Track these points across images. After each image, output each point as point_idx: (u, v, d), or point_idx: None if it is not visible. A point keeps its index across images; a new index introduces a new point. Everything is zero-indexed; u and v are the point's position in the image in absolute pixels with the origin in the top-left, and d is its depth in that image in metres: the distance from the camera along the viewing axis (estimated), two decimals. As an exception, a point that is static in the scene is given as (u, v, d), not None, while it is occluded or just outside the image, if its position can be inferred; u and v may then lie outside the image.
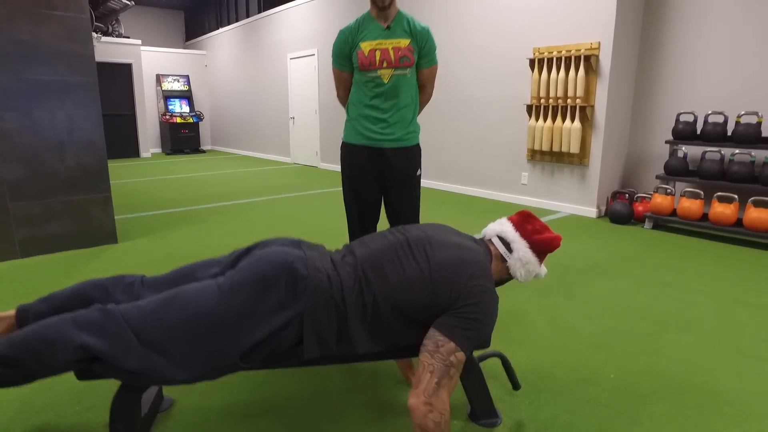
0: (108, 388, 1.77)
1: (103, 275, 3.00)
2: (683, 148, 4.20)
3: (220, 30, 11.14)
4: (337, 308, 1.30)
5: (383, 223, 3.16)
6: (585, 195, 4.65)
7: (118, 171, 8.01)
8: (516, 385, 1.62)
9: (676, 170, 4.10)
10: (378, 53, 2.12)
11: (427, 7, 5.81)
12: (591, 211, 4.60)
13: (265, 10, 9.50)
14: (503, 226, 1.51)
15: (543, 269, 1.54)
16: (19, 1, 3.03)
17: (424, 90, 2.32)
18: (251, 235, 3.95)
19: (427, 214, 4.60)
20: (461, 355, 1.24)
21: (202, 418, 1.61)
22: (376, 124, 2.19)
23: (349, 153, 2.27)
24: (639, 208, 4.39)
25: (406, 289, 1.31)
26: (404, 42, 2.15)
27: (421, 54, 2.21)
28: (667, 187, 4.18)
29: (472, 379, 1.52)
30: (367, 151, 2.22)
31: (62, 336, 1.13)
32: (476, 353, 1.58)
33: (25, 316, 1.39)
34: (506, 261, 1.48)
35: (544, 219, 4.50)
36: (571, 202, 4.77)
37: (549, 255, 3.24)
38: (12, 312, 1.41)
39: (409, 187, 2.28)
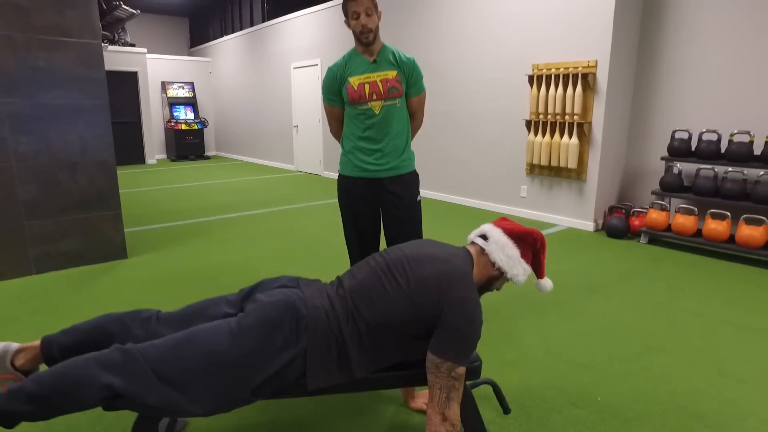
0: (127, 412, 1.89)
1: (114, 291, 3.13)
2: (678, 165, 4.30)
3: (225, 37, 11.28)
4: (337, 340, 1.41)
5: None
6: (582, 209, 4.75)
7: (125, 179, 8.15)
8: (506, 410, 1.73)
9: (671, 186, 4.20)
10: (367, 86, 2.20)
11: (427, 24, 5.92)
12: (588, 225, 4.70)
13: (269, 19, 9.63)
14: (482, 226, 1.63)
15: (547, 282, 1.61)
16: (37, 29, 3.16)
17: (414, 117, 2.40)
18: (256, 251, 4.06)
19: (428, 226, 4.70)
20: (461, 369, 1.37)
21: (212, 439, 1.73)
22: (370, 156, 2.26)
23: (347, 185, 2.34)
24: (635, 222, 4.49)
25: (393, 311, 1.41)
26: (391, 73, 2.22)
27: (409, 83, 2.28)
28: (662, 203, 4.27)
29: (464, 403, 1.63)
30: (364, 183, 2.29)
31: (88, 376, 1.24)
32: (468, 381, 1.68)
33: (49, 347, 1.50)
34: (485, 250, 1.56)
35: (543, 232, 4.60)
36: (569, 215, 4.87)
37: (547, 271, 3.35)
38: (37, 343, 1.53)
39: (409, 216, 2.33)
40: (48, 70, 3.24)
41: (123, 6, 9.27)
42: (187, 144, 11.27)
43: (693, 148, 4.19)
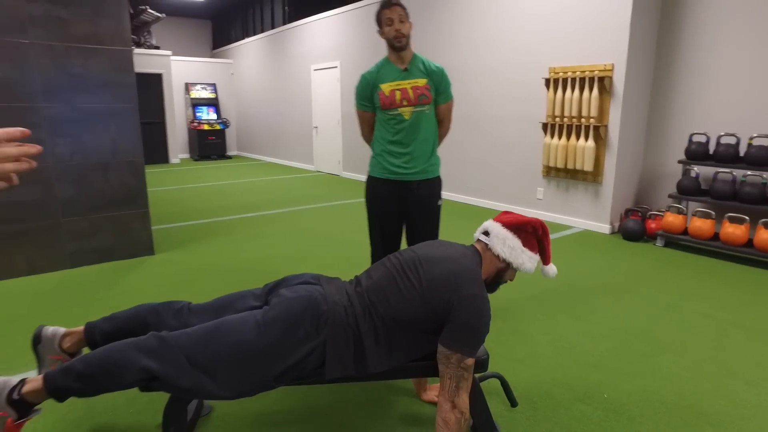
0: (156, 394, 2.02)
1: (142, 285, 3.29)
2: (695, 168, 4.30)
3: (247, 39, 11.51)
4: (354, 334, 1.52)
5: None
6: (598, 211, 4.78)
7: (151, 178, 8.40)
8: (513, 403, 1.81)
9: (688, 190, 4.20)
10: (398, 93, 2.32)
11: (446, 28, 6.00)
12: (604, 228, 4.73)
13: (290, 21, 9.81)
14: (484, 223, 1.72)
15: (552, 268, 1.69)
16: (74, 38, 3.35)
17: (442, 124, 2.53)
18: (276, 249, 4.20)
19: (444, 226, 4.78)
20: (470, 360, 1.46)
21: (236, 424, 1.85)
22: (399, 159, 2.39)
23: (375, 186, 2.47)
24: (651, 225, 4.50)
25: (406, 308, 1.52)
26: (421, 81, 2.35)
27: (438, 91, 2.41)
28: (679, 206, 4.28)
29: (473, 395, 1.72)
30: (392, 184, 2.41)
31: (128, 359, 1.37)
32: (477, 374, 1.77)
33: (92, 332, 1.65)
34: (488, 245, 1.65)
35: (558, 234, 4.65)
36: (585, 218, 4.90)
37: (560, 272, 3.40)
38: (81, 328, 1.68)
39: (430, 217, 2.48)
40: (83, 76, 3.43)
41: (149, 10, 9.57)
42: (209, 144, 11.54)
43: (711, 152, 4.19)
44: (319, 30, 8.63)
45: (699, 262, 3.84)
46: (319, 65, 8.77)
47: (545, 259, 1.70)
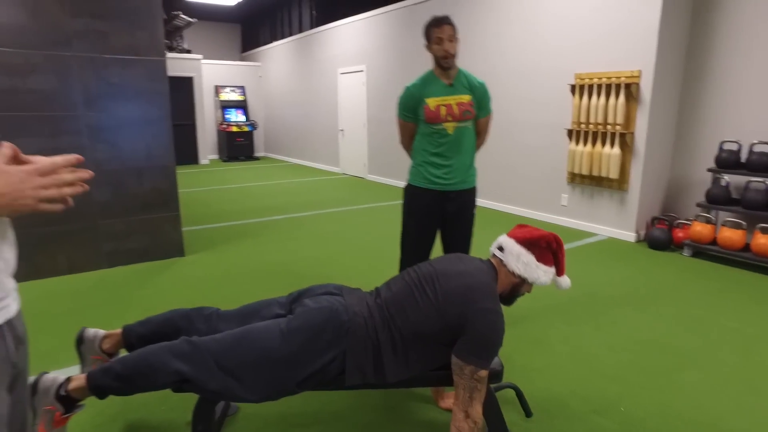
0: (187, 394, 2.13)
1: (173, 285, 3.43)
2: (726, 177, 4.21)
3: (275, 43, 11.72)
4: (373, 344, 1.58)
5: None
6: (624, 219, 4.72)
7: (181, 179, 8.65)
8: (528, 413, 1.85)
9: (717, 199, 4.13)
10: (443, 108, 2.39)
11: (471, 34, 6.01)
12: (630, 236, 4.67)
13: (317, 26, 9.95)
14: (498, 238, 1.76)
15: (565, 280, 1.71)
16: (113, 50, 3.52)
17: (479, 136, 2.60)
18: (301, 253, 4.30)
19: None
20: (483, 372, 1.51)
21: (260, 424, 1.94)
22: (440, 170, 2.46)
23: (415, 195, 2.53)
24: (679, 234, 4.43)
25: (423, 321, 1.57)
26: (466, 98, 2.42)
27: (479, 106, 2.48)
28: (707, 215, 4.21)
29: (488, 405, 1.76)
30: (431, 194, 2.48)
31: (162, 362, 1.47)
32: (492, 384, 1.81)
33: (129, 335, 1.76)
34: (503, 261, 1.69)
35: (582, 241, 4.63)
36: (610, 225, 4.85)
37: (582, 281, 3.40)
38: (119, 331, 1.79)
39: (465, 225, 2.56)
40: (121, 85, 3.59)
41: (182, 15, 9.85)
42: (237, 145, 11.79)
43: (743, 160, 4.10)
44: (345, 34, 8.74)
45: (728, 274, 3.77)
46: (345, 69, 8.88)
47: (559, 271, 1.73)
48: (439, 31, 2.32)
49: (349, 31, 8.64)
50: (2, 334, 0.87)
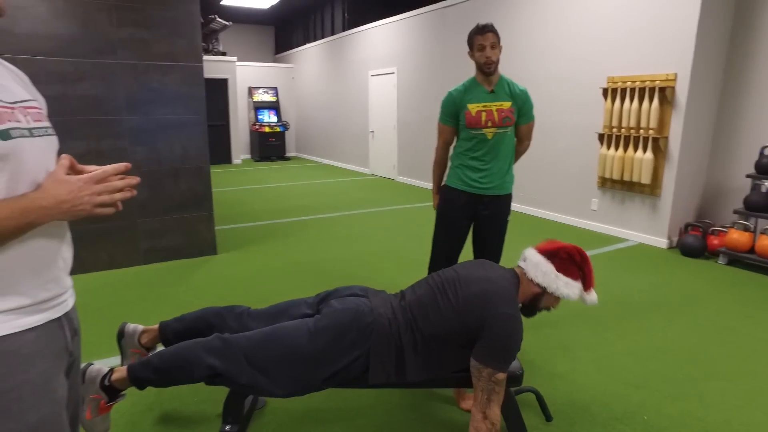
0: (218, 387, 2.23)
1: (206, 282, 3.57)
2: (766, 183, 4.08)
3: (307, 45, 11.91)
4: (396, 344, 1.64)
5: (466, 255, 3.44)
6: (656, 225, 4.63)
7: (215, 178, 8.91)
8: (548, 417, 1.87)
9: (757, 206, 4.00)
10: (484, 114, 2.43)
11: (505, 34, 5.99)
12: (661, 242, 4.58)
13: (349, 28, 10.07)
14: (524, 251, 1.79)
15: (591, 295, 1.72)
16: (154, 56, 3.69)
17: (521, 142, 2.63)
18: (328, 253, 4.39)
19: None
20: (501, 375, 1.55)
21: (286, 418, 2.02)
22: (477, 173, 2.51)
23: (450, 195, 2.59)
24: (714, 241, 4.32)
25: (443, 324, 1.62)
26: (506, 104, 2.46)
27: (521, 113, 2.52)
28: (745, 222, 4.09)
29: (508, 409, 1.79)
30: (466, 196, 2.54)
31: (196, 357, 1.57)
32: (513, 388, 1.84)
33: (165, 330, 1.87)
34: (525, 271, 1.72)
35: (612, 247, 4.56)
36: (641, 231, 4.76)
37: (611, 287, 3.37)
38: (156, 326, 1.90)
39: (498, 231, 2.60)
40: (160, 90, 3.76)
41: (218, 19, 10.14)
42: (269, 145, 12.03)
43: (783, 166, 3.97)
44: (377, 36, 8.82)
45: (766, 283, 3.66)
46: (376, 71, 8.96)
47: (586, 285, 1.73)
48: (482, 39, 2.36)
49: (380, 34, 8.71)
50: (61, 326, 0.97)
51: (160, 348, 1.88)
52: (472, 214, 2.56)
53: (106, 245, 3.79)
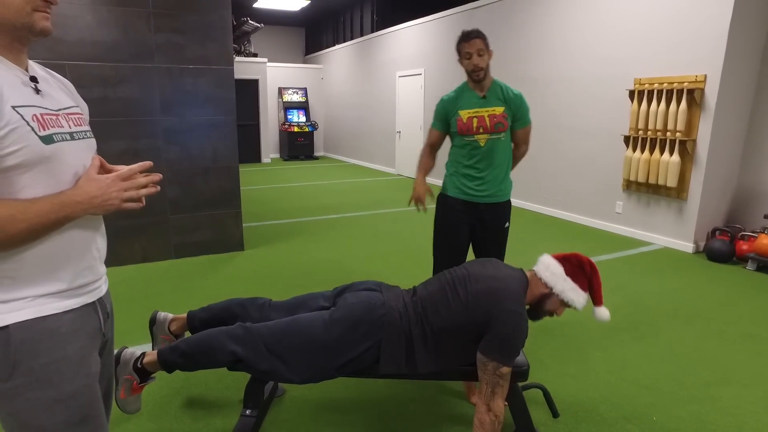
0: (240, 375, 2.37)
1: (233, 277, 3.73)
2: (796, 188, 3.99)
3: (337, 46, 12.08)
4: (406, 337, 1.73)
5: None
6: (682, 229, 4.57)
7: (244, 177, 9.15)
8: (555, 414, 1.92)
9: (785, 210, 3.92)
10: (475, 120, 2.42)
11: (527, 37, 5.99)
12: (687, 246, 4.51)
13: (378, 30, 10.18)
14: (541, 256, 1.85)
15: (602, 311, 1.75)
16: (188, 60, 3.88)
17: (518, 147, 2.59)
18: (351, 251, 4.51)
19: (519, 236, 4.82)
20: (505, 369, 1.61)
21: (303, 405, 2.13)
22: (472, 182, 2.49)
23: (446, 204, 2.59)
24: (743, 247, 4.23)
25: (452, 319, 1.70)
26: (499, 109, 2.42)
27: (515, 118, 2.47)
28: (774, 227, 4.00)
29: (515, 403, 1.86)
30: (462, 204, 2.52)
31: (220, 344, 1.69)
32: (520, 383, 1.90)
33: (192, 319, 2.01)
34: (536, 271, 1.79)
35: (636, 250, 4.53)
36: (667, 235, 4.70)
37: (630, 290, 3.37)
38: (184, 315, 2.04)
39: (497, 239, 2.57)
40: (193, 92, 3.95)
41: (250, 21, 10.40)
42: (298, 145, 12.26)
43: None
44: (405, 38, 8.90)
45: (792, 290, 3.59)
46: (404, 72, 9.04)
47: (596, 300, 1.77)
48: (468, 46, 2.34)
49: (408, 35, 8.79)
50: (95, 309, 1.10)
51: (187, 335, 2.01)
52: (470, 222, 2.53)
53: (140, 240, 4.00)
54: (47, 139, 0.95)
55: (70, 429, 1.01)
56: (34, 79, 1.00)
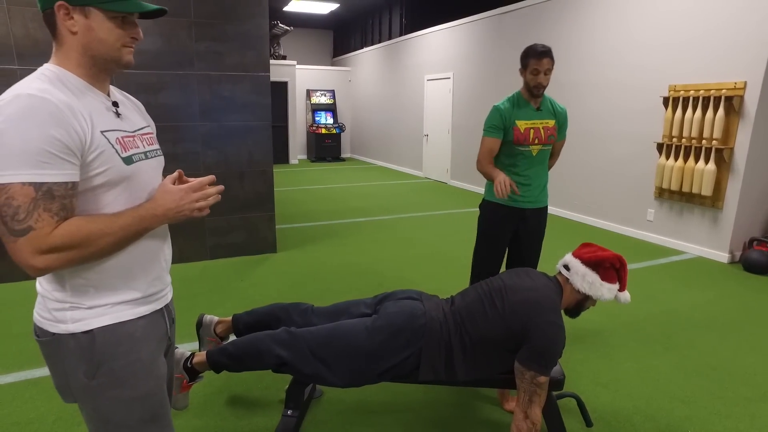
0: (280, 376, 2.45)
1: (266, 279, 3.83)
2: (839, 198, 3.88)
3: (365, 49, 12.17)
4: (446, 346, 1.78)
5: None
6: (716, 239, 4.49)
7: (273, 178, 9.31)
8: (588, 423, 1.95)
9: (827, 221, 3.82)
10: (532, 131, 2.53)
11: (559, 43, 5.95)
12: (722, 256, 4.43)
13: (406, 33, 10.23)
14: (565, 257, 1.89)
15: (625, 294, 1.82)
16: (226, 67, 4.00)
17: (552, 157, 2.73)
18: (381, 255, 4.57)
19: (550, 243, 4.81)
20: (542, 378, 1.65)
21: (341, 407, 2.20)
22: (520, 189, 2.57)
23: (493, 210, 2.65)
24: (780, 257, 4.14)
25: (490, 329, 1.74)
26: (551, 122, 2.57)
27: (559, 131, 2.64)
28: (814, 239, 3.90)
29: (549, 412, 1.89)
30: (509, 210, 2.61)
31: (266, 347, 1.77)
32: (555, 392, 1.93)
33: (237, 322, 2.10)
34: (569, 280, 1.82)
35: (668, 259, 4.47)
36: (700, 244, 4.62)
37: (663, 300, 3.34)
38: (229, 318, 2.13)
39: (537, 244, 2.69)
40: (230, 98, 4.07)
41: (280, 24, 10.58)
42: (325, 146, 12.40)
43: None
44: (434, 41, 8.93)
45: (833, 304, 3.50)
46: (432, 75, 9.07)
47: (621, 287, 1.82)
48: (537, 63, 2.39)
49: (437, 39, 8.82)
50: (163, 315, 1.18)
51: (232, 338, 2.11)
52: (513, 227, 2.64)
53: (177, 241, 4.14)
54: (128, 160, 1.04)
55: (143, 426, 1.10)
56: (115, 104, 1.09)
